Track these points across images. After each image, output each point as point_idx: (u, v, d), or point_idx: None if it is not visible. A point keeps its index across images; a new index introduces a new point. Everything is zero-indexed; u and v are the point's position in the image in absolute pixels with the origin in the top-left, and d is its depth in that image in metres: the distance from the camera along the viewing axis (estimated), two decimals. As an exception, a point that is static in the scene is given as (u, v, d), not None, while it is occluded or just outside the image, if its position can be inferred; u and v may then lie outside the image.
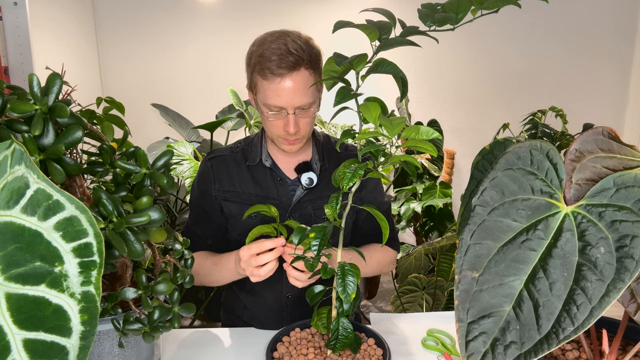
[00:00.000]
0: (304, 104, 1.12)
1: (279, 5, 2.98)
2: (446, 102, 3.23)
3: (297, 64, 1.09)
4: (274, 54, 1.09)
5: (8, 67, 2.04)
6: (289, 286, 1.25)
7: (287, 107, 1.12)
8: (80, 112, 1.36)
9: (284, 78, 1.09)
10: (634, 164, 0.61)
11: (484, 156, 0.78)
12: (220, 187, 1.27)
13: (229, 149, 1.31)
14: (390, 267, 1.37)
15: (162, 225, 0.77)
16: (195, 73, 3.05)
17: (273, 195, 1.25)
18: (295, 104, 1.11)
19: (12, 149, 0.53)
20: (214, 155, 1.30)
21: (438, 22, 0.71)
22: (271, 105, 1.12)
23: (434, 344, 1.09)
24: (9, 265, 0.50)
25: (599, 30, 3.11)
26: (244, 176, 1.27)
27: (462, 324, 0.56)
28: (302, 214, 1.24)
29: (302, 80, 1.11)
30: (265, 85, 1.12)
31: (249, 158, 1.28)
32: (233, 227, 1.29)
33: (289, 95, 1.10)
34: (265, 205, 1.04)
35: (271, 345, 0.94)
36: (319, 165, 1.27)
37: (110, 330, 0.82)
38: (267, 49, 1.10)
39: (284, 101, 1.11)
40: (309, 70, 1.12)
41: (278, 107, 1.12)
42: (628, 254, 0.53)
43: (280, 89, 1.10)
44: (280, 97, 1.11)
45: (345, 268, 0.86)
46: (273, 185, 1.25)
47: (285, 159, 1.28)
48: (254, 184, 1.26)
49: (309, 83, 1.12)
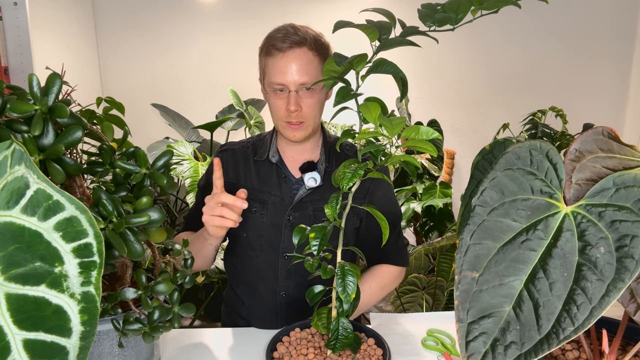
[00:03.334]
0: (305, 81, 1.14)
1: (279, 6, 2.98)
2: (446, 102, 3.23)
3: (301, 42, 1.14)
4: (280, 33, 1.15)
5: (8, 67, 2.04)
6: (283, 285, 1.25)
7: (289, 83, 1.14)
8: (80, 112, 1.36)
9: (286, 53, 1.13)
10: (633, 164, 0.61)
11: (484, 156, 0.78)
12: (225, 179, 1.27)
13: (241, 143, 1.33)
14: (396, 284, 1.35)
15: (162, 225, 0.77)
16: (195, 73, 3.05)
17: (275, 192, 1.25)
18: (297, 80, 1.13)
19: (12, 149, 0.53)
20: (226, 147, 1.33)
21: (438, 22, 0.71)
22: (274, 83, 1.15)
23: (434, 344, 1.09)
24: (9, 265, 0.50)
25: (599, 30, 3.11)
26: (249, 170, 1.28)
27: (462, 324, 0.56)
28: (302, 214, 1.24)
29: (305, 57, 1.14)
30: (270, 63, 1.15)
31: (258, 153, 1.29)
32: None
33: (290, 70, 1.13)
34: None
35: (271, 345, 0.94)
36: (324, 166, 1.27)
37: (110, 331, 0.82)
38: (275, 31, 1.17)
39: (286, 77, 1.13)
40: (313, 52, 1.15)
41: (281, 84, 1.14)
42: (628, 253, 0.53)
43: (282, 65, 1.13)
44: (283, 73, 1.13)
45: (345, 268, 0.86)
46: (277, 182, 1.25)
47: (293, 156, 1.28)
48: (258, 179, 1.26)
49: (312, 62, 1.14)
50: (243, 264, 1.29)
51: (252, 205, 1.25)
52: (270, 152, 1.27)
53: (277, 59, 1.14)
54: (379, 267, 1.31)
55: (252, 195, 1.25)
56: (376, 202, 1.29)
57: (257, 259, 1.27)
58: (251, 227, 1.26)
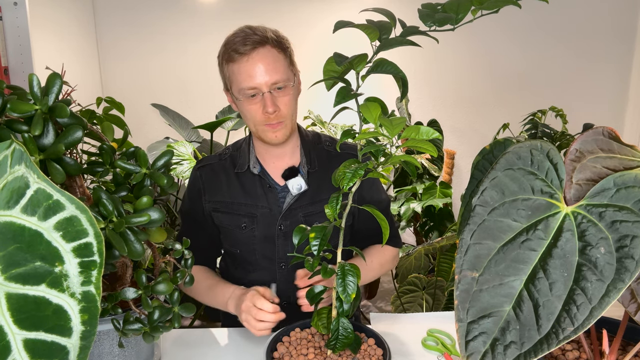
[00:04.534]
0: (276, 80, 1.10)
1: (279, 5, 2.98)
2: (446, 102, 3.23)
3: (263, 42, 1.10)
4: (238, 37, 1.11)
5: (8, 67, 2.04)
6: (284, 294, 1.22)
7: (261, 85, 1.10)
8: (80, 112, 1.36)
9: (250, 55, 1.09)
10: (634, 164, 0.61)
11: (484, 156, 0.78)
12: (210, 198, 1.24)
13: (218, 156, 1.29)
14: (393, 265, 1.35)
15: (162, 225, 0.77)
16: (195, 73, 3.04)
17: (262, 204, 1.22)
18: (268, 80, 1.10)
19: (12, 149, 0.53)
20: (203, 164, 1.28)
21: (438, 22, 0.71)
22: (245, 88, 1.11)
23: (434, 344, 1.09)
24: (9, 265, 0.50)
25: (599, 30, 3.11)
26: (232, 185, 1.24)
27: (462, 323, 0.56)
28: (292, 221, 1.22)
29: (271, 56, 1.10)
30: (235, 69, 1.11)
31: (237, 165, 1.24)
32: (225, 238, 1.27)
33: (259, 72, 1.09)
34: None
35: (271, 345, 0.94)
36: (306, 169, 1.23)
37: (110, 330, 0.82)
38: (232, 36, 1.13)
39: (256, 80, 1.10)
40: (277, 49, 1.12)
41: (252, 87, 1.11)
42: (628, 254, 0.53)
43: (249, 67, 1.10)
44: (251, 76, 1.10)
45: (345, 268, 0.86)
46: (262, 193, 1.22)
47: (274, 163, 1.24)
48: (243, 192, 1.23)
49: (278, 60, 1.11)
50: (241, 279, 1.26)
51: (241, 221, 1.22)
52: (250, 162, 1.23)
53: (243, 63, 1.10)
54: (376, 246, 1.30)
55: (239, 210, 1.22)
56: (366, 193, 1.27)
57: (255, 273, 1.25)
58: (243, 243, 1.23)
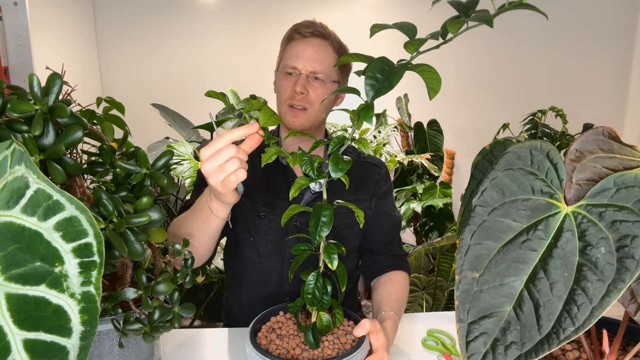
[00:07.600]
0: (317, 70, 1.15)
1: (279, 6, 2.98)
2: (446, 102, 3.23)
3: (325, 36, 1.17)
4: (306, 23, 1.19)
5: (8, 67, 2.04)
6: (288, 290, 1.23)
7: (302, 68, 1.15)
8: (80, 112, 1.36)
9: (307, 39, 1.16)
10: (634, 164, 0.61)
11: (484, 156, 0.78)
12: None
13: None
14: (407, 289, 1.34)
15: (162, 225, 0.77)
16: (195, 73, 3.05)
17: (283, 196, 1.22)
18: (309, 67, 1.15)
19: (12, 149, 0.53)
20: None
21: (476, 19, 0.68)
22: (287, 66, 1.16)
23: (434, 344, 1.09)
24: (9, 265, 0.50)
25: (599, 30, 3.11)
26: (256, 171, 1.24)
27: (462, 324, 0.56)
28: (308, 219, 1.22)
29: (324, 49, 1.16)
30: (289, 47, 1.18)
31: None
32: (242, 222, 1.24)
33: (306, 56, 1.15)
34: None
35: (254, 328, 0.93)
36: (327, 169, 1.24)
37: (110, 331, 0.82)
38: (299, 23, 1.20)
39: (300, 61, 1.15)
40: (333, 48, 1.18)
41: (293, 67, 1.16)
42: (628, 254, 0.53)
43: (300, 49, 1.16)
44: (298, 56, 1.15)
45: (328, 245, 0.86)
46: (284, 185, 1.23)
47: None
48: (266, 181, 1.24)
49: (329, 57, 1.17)
50: (246, 268, 1.26)
51: (261, 210, 1.22)
52: None
53: (297, 43, 1.17)
54: (395, 275, 1.26)
55: (261, 199, 1.22)
56: (382, 206, 1.30)
57: (262, 264, 1.24)
58: (260, 231, 1.23)
